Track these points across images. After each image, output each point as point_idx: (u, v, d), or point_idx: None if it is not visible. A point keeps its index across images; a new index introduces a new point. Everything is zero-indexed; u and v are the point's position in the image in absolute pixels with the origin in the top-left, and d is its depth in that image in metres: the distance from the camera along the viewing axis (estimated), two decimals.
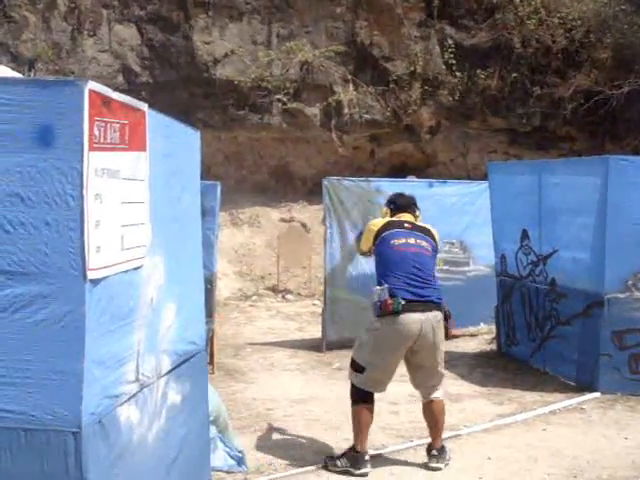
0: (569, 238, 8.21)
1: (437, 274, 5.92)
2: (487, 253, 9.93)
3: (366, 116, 15.68)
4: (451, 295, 10.20)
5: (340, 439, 6.22)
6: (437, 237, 6.00)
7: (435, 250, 5.89)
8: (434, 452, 5.65)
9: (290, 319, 12.31)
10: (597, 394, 7.59)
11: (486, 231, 9.72)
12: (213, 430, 5.17)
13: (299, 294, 14.46)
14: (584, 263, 7.98)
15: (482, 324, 10.62)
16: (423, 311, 5.45)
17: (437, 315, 5.53)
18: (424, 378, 5.71)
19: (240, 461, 5.38)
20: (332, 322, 9.75)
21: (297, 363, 9.20)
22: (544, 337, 8.65)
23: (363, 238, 6.01)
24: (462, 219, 10.56)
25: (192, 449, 4.53)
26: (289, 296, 14.38)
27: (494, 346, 9.83)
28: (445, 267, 10.48)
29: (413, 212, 6.06)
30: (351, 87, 15.47)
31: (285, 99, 15.30)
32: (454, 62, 15.51)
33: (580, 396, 7.56)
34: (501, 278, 9.50)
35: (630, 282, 7.59)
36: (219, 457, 5.23)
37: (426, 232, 5.89)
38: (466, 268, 10.65)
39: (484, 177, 10.19)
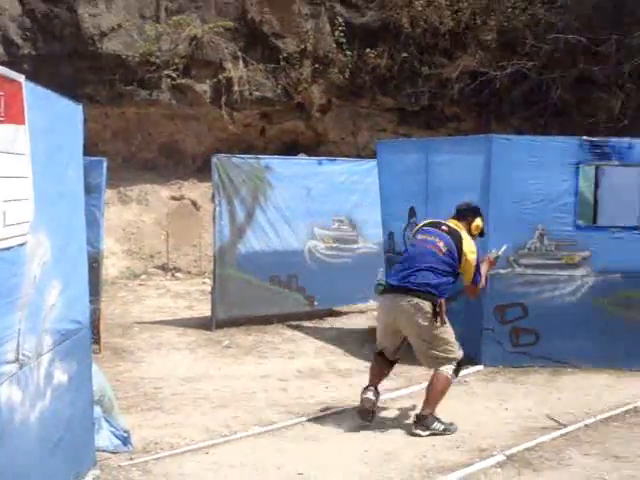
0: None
1: (439, 271, 6.10)
2: (376, 230, 10.06)
3: (257, 93, 15.58)
4: (340, 272, 10.52)
5: (228, 417, 6.24)
6: (465, 243, 6.20)
7: (452, 253, 6.12)
8: (414, 419, 6.01)
9: (180, 297, 12.21)
10: (480, 367, 7.85)
11: (375, 209, 9.85)
12: (98, 410, 5.09)
13: (189, 272, 14.34)
14: None
15: (371, 301, 10.76)
16: (395, 295, 6.02)
17: (414, 300, 5.92)
18: (418, 354, 6.20)
19: (125, 441, 5.32)
20: (221, 300, 9.72)
21: (186, 342, 9.14)
22: None
23: None
24: (351, 197, 10.67)
25: (77, 429, 4.47)
26: (179, 274, 14.25)
27: None
28: (334, 244, 10.59)
29: (468, 218, 6.43)
30: (241, 64, 15.34)
31: (174, 75, 15.04)
32: (344, 41, 15.56)
33: (464, 369, 7.76)
34: (389, 255, 9.65)
35: (512, 258, 7.86)
36: (104, 437, 5.16)
37: (455, 236, 6.21)
38: (355, 245, 10.77)
39: (374, 155, 10.29)
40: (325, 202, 10.41)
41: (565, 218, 7.86)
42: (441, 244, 6.15)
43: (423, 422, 5.90)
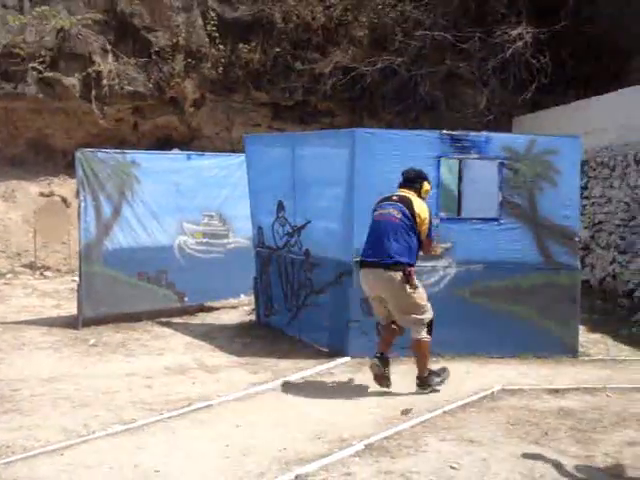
0: (321, 209, 8.48)
1: (400, 238, 6.77)
2: (246, 225, 10.03)
3: (128, 88, 15.31)
4: (211, 267, 10.43)
5: (88, 416, 6.08)
6: (418, 207, 6.84)
7: (407, 217, 6.76)
8: (417, 381, 6.89)
9: (48, 296, 11.84)
10: (347, 359, 7.92)
11: (245, 203, 9.82)
12: None
13: (59, 270, 13.94)
14: (335, 233, 8.27)
15: (242, 295, 10.76)
16: (369, 271, 6.79)
17: (386, 273, 6.66)
18: (397, 320, 6.90)
19: None
20: (88, 298, 9.49)
21: (51, 341, 8.87)
22: (299, 306, 8.90)
23: None
24: (221, 191, 10.58)
25: None
26: (48, 273, 13.83)
27: (254, 317, 10.00)
28: (204, 240, 10.49)
29: (416, 185, 7.03)
30: (111, 57, 15.04)
31: (41, 68, 14.62)
32: (217, 35, 15.48)
33: (331, 361, 7.85)
34: (258, 249, 9.65)
35: None
36: None
37: (405, 202, 6.85)
38: (225, 240, 10.69)
39: None
40: (194, 197, 10.30)
41: None
42: (395, 212, 6.80)
43: (424, 382, 6.84)
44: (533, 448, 5.46)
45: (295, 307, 8.97)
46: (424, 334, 6.82)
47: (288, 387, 7.01)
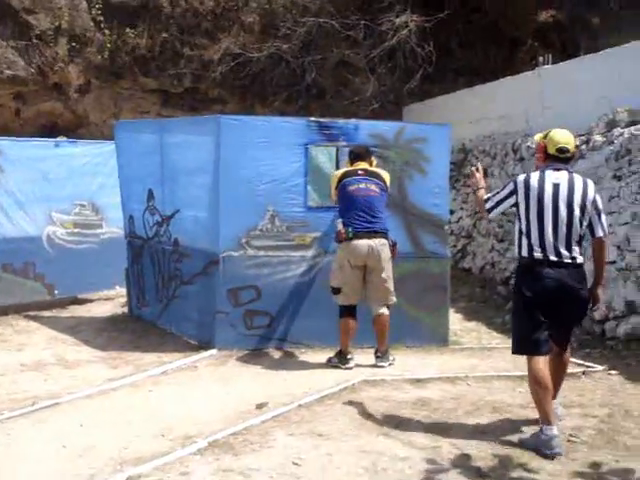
0: (189, 198, 8.27)
1: (384, 210, 7.35)
2: (120, 214, 9.70)
3: (8, 72, 14.66)
4: (83, 258, 10.08)
5: None
6: (387, 178, 7.47)
7: (384, 190, 7.36)
8: (378, 354, 7.34)
9: None
10: (214, 351, 7.72)
11: (119, 192, 9.50)
12: None
13: None
14: (203, 223, 8.07)
15: (117, 287, 10.44)
16: (369, 237, 7.15)
17: (381, 241, 7.19)
18: (374, 292, 7.25)
19: None
20: None
21: None
22: (170, 297, 8.66)
23: (330, 188, 7.46)
24: (94, 180, 10.25)
25: None
26: None
27: (127, 309, 9.71)
28: (76, 230, 10.13)
29: (368, 158, 7.52)
30: None
31: None
32: (102, 19, 14.99)
33: (197, 354, 7.64)
34: (130, 239, 9.38)
35: (244, 240, 7.77)
36: None
37: (376, 176, 7.37)
38: (99, 230, 10.36)
39: None
40: (64, 186, 9.92)
41: (296, 199, 7.86)
42: (373, 186, 7.28)
43: (384, 357, 7.31)
44: (382, 440, 5.35)
45: (166, 298, 8.73)
46: (387, 309, 7.34)
47: (145, 382, 6.77)
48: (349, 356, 7.30)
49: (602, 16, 16.20)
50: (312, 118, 8.04)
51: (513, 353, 5.48)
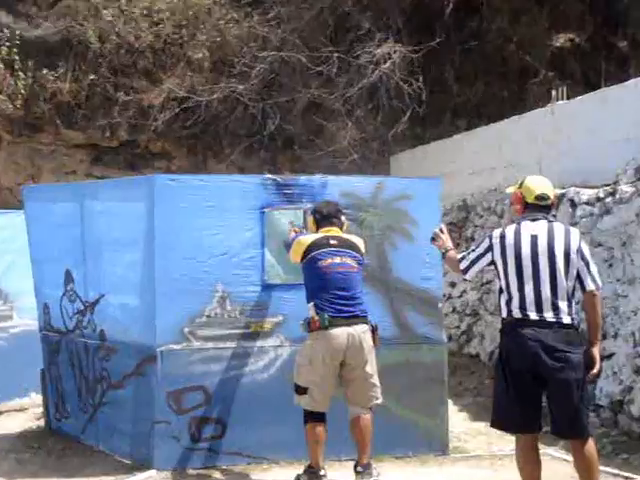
0: (117, 279, 8.23)
1: (362, 288, 7.34)
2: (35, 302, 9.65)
3: None
4: None
5: None
6: (363, 248, 7.45)
7: (361, 263, 7.35)
8: (359, 469, 7.08)
9: None
10: (152, 472, 7.59)
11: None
12: None
13: None
14: (134, 309, 8.03)
15: (34, 394, 10.31)
16: (349, 325, 7.05)
17: (363, 327, 7.12)
18: (357, 392, 7.17)
19: None
20: None
21: None
22: (96, 405, 8.55)
23: (292, 251, 7.44)
24: (1, 259, 10.23)
25: None
26: None
27: (43, 422, 9.57)
28: None
29: (339, 221, 7.51)
30: None
31: None
32: (15, 59, 15.13)
33: (131, 478, 7.52)
34: (45, 333, 9.30)
35: (187, 329, 7.71)
36: None
37: (351, 246, 7.34)
38: (9, 323, 10.31)
39: None
40: None
41: (251, 275, 7.84)
42: (349, 261, 7.25)
43: (365, 471, 7.07)
44: None
45: (91, 407, 8.61)
46: (369, 410, 7.24)
47: None
48: (322, 472, 7.13)
49: (631, 39, 16.52)
50: (268, 175, 8.07)
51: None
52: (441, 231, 6.50)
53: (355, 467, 7.16)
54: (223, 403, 7.79)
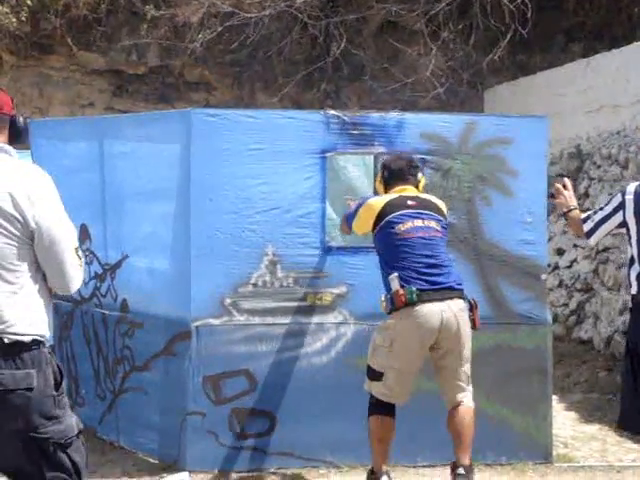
0: (143, 237, 8.33)
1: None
2: None
3: None
4: None
5: None
6: (445, 210, 7.48)
7: (445, 227, 7.37)
8: (460, 471, 6.91)
9: None
10: (184, 475, 7.72)
11: None
12: None
13: None
14: (164, 275, 8.13)
15: None
16: (442, 299, 6.96)
17: (459, 303, 7.06)
18: (449, 380, 7.15)
19: None
20: None
21: None
22: (117, 392, 8.69)
23: (359, 218, 7.38)
24: None
25: None
26: None
27: None
28: None
29: (414, 178, 7.48)
30: None
31: None
32: None
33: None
34: (54, 301, 9.40)
35: (228, 300, 7.80)
36: None
37: (433, 208, 7.35)
38: None
39: None
40: None
41: (308, 235, 7.91)
42: (434, 223, 7.25)
43: (472, 475, 6.96)
44: None
45: (111, 393, 8.77)
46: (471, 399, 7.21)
47: None
48: (383, 478, 7.09)
49: None
50: (331, 111, 8.09)
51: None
52: (564, 187, 6.39)
53: (453, 469, 7.07)
54: (272, 392, 7.91)
